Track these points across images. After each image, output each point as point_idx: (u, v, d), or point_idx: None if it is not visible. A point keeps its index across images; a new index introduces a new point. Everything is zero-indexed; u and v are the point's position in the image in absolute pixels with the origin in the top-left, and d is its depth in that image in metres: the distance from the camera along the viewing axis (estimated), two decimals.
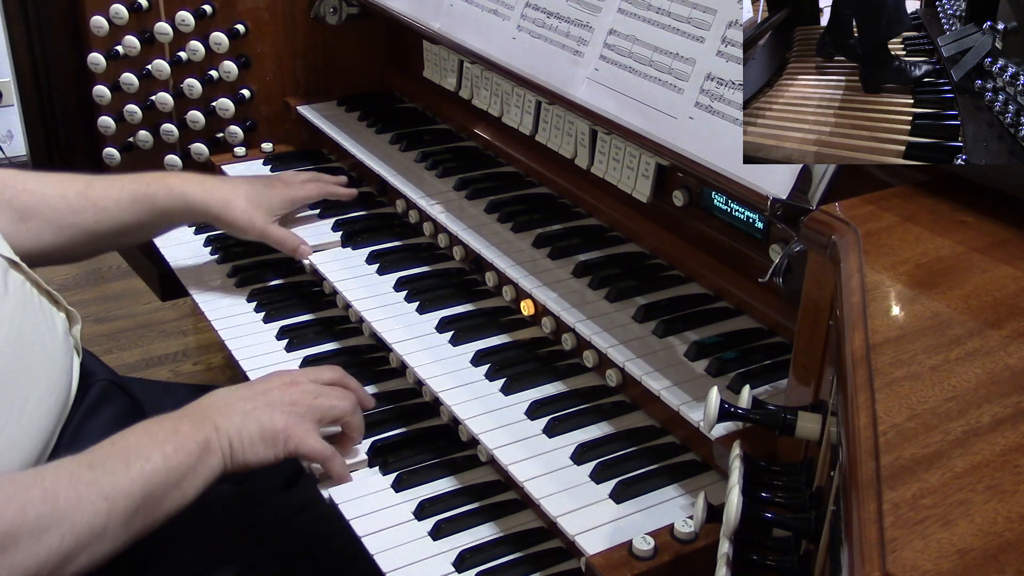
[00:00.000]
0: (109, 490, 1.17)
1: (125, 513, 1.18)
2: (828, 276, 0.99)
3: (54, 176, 1.65)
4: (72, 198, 1.63)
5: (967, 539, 0.62)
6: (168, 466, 1.23)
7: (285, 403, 1.36)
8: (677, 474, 1.29)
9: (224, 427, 1.30)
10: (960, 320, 0.84)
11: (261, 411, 1.33)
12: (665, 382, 1.31)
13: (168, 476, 1.22)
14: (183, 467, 1.24)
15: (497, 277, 1.63)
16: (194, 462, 1.25)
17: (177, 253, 1.93)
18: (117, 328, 3.40)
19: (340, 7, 2.12)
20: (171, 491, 1.23)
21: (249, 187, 1.79)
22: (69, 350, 1.42)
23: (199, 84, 2.13)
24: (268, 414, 1.33)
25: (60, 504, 1.13)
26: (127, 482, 1.19)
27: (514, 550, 1.29)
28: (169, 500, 1.23)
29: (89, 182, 1.66)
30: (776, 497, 0.94)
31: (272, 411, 1.34)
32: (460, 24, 1.69)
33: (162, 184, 1.70)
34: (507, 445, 1.33)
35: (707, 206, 1.49)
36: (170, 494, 1.23)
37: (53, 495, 1.13)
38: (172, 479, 1.23)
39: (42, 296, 1.39)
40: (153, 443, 1.24)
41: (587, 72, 1.44)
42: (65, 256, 1.69)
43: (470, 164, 1.90)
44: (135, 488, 1.19)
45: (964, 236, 0.97)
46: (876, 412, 0.72)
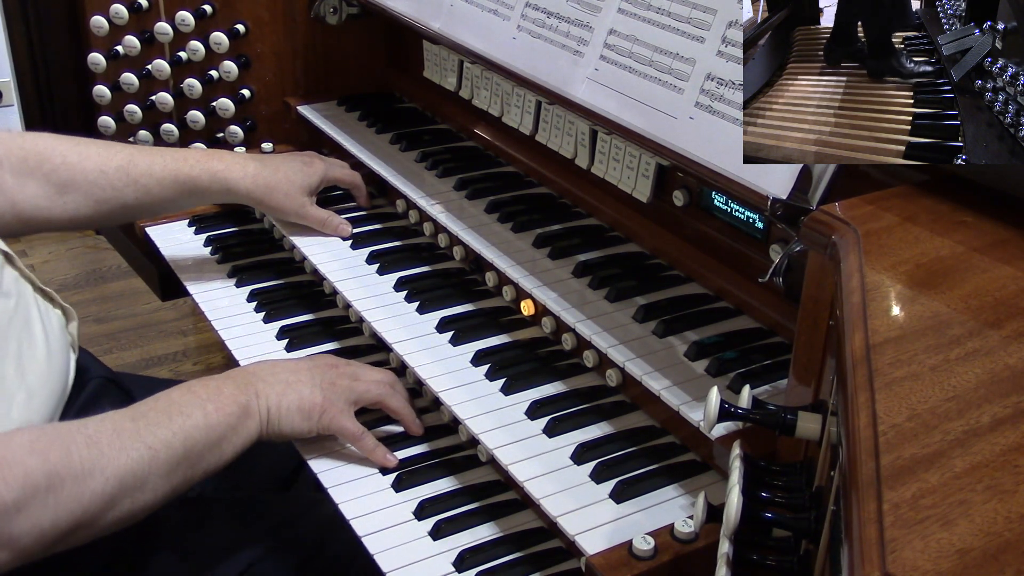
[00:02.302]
0: (151, 440, 1.21)
1: (167, 464, 1.21)
2: (828, 276, 0.99)
3: (94, 147, 1.65)
4: (112, 174, 1.64)
5: (967, 539, 0.62)
6: (208, 423, 1.27)
7: (325, 382, 1.41)
8: (677, 474, 1.29)
9: (265, 394, 1.35)
10: (960, 320, 0.84)
11: (302, 384, 1.38)
12: (665, 382, 1.31)
13: (208, 433, 1.27)
14: (223, 426, 1.28)
15: (497, 277, 1.63)
16: (234, 422, 1.30)
17: (177, 253, 1.93)
18: (117, 328, 3.40)
19: (340, 7, 2.12)
20: (211, 449, 1.27)
21: (289, 168, 1.80)
22: (65, 347, 1.42)
23: (199, 84, 2.13)
24: (308, 388, 1.38)
25: (104, 450, 1.16)
26: (169, 434, 1.23)
27: (514, 550, 1.29)
28: (208, 458, 1.27)
29: (130, 158, 1.66)
30: (776, 497, 0.94)
31: (312, 387, 1.39)
32: (460, 24, 1.69)
33: (205, 167, 1.71)
34: (507, 445, 1.33)
35: (707, 206, 1.49)
36: (210, 452, 1.27)
37: (97, 441, 1.17)
38: (212, 437, 1.27)
39: (36, 293, 1.39)
40: (196, 400, 1.28)
41: (587, 72, 1.44)
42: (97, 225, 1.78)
43: (470, 164, 1.90)
44: (176, 441, 1.23)
45: (964, 236, 0.97)
46: (876, 412, 0.72)
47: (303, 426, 1.37)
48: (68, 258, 3.78)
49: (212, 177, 1.71)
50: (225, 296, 1.80)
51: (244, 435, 1.31)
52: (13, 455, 1.10)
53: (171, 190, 1.69)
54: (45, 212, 1.58)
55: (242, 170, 1.74)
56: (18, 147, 1.57)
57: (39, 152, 1.58)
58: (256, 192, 1.75)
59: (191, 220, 2.01)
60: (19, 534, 1.08)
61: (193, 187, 1.71)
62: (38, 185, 1.57)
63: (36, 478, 1.09)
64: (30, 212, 1.57)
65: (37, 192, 1.57)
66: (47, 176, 1.58)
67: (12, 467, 1.08)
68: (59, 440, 1.14)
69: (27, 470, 1.09)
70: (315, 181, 1.82)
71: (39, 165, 1.57)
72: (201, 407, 1.28)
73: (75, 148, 1.62)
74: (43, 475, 1.10)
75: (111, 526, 1.18)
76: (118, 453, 1.17)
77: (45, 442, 1.13)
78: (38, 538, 1.10)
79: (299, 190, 1.79)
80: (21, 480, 1.08)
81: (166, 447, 1.22)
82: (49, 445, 1.13)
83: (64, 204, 1.60)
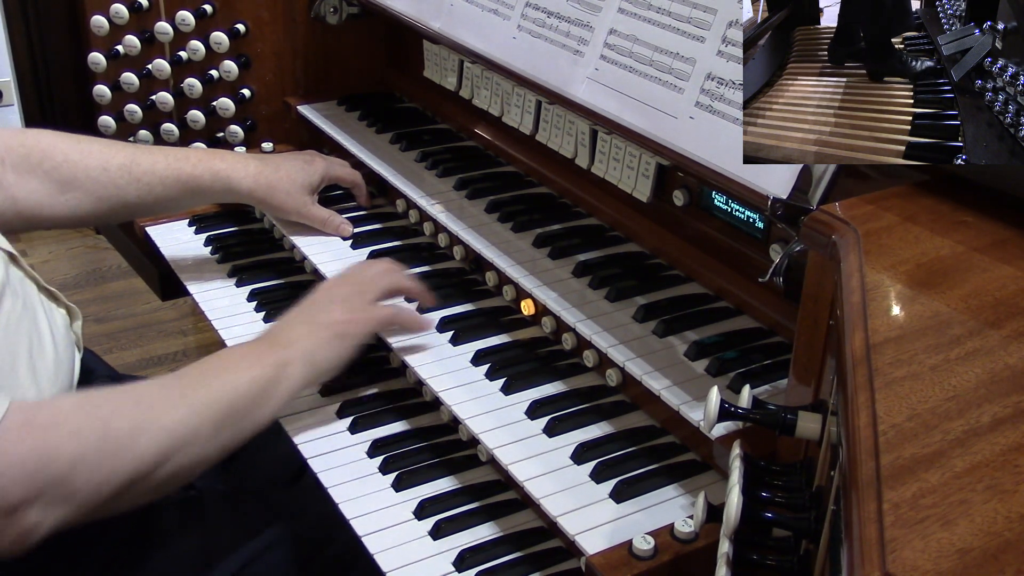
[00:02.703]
0: (197, 397, 1.26)
1: (214, 419, 1.25)
2: (828, 276, 0.99)
3: (96, 145, 1.66)
4: (115, 172, 1.64)
5: (967, 539, 0.62)
6: (251, 377, 1.32)
7: (337, 299, 1.46)
8: (677, 474, 1.30)
9: (294, 340, 1.39)
10: (960, 320, 0.84)
11: (321, 315, 1.44)
12: (665, 382, 1.31)
13: (251, 386, 1.31)
14: (264, 379, 1.33)
15: (497, 277, 1.63)
16: (273, 373, 1.34)
17: (177, 253, 1.93)
18: (117, 328, 3.40)
19: (340, 7, 2.12)
20: (256, 401, 1.31)
21: (290, 167, 1.81)
22: (70, 345, 1.43)
23: (199, 84, 2.13)
24: (328, 313, 1.44)
25: (153, 406, 1.21)
26: (213, 390, 1.28)
27: (514, 550, 1.29)
28: (255, 412, 1.32)
29: (133, 156, 1.67)
30: (776, 497, 0.94)
31: (330, 310, 1.45)
32: (460, 24, 1.69)
33: (207, 167, 1.72)
34: (507, 445, 1.33)
35: (707, 206, 1.49)
36: (256, 405, 1.31)
37: (144, 399, 1.22)
38: (255, 389, 1.31)
39: (41, 293, 1.40)
40: (233, 360, 1.36)
41: (587, 72, 1.44)
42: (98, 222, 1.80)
43: (470, 164, 1.90)
44: (222, 395, 1.27)
45: (964, 236, 0.97)
46: (876, 412, 0.72)
47: (343, 348, 1.43)
48: (68, 258, 3.78)
49: (214, 176, 1.72)
50: (225, 296, 1.80)
51: (288, 384, 1.36)
52: (64, 415, 1.13)
53: (173, 189, 1.69)
54: (47, 209, 1.58)
55: (244, 169, 1.74)
56: (19, 144, 1.57)
57: (41, 149, 1.58)
58: (258, 191, 1.75)
59: (191, 220, 2.01)
60: (76, 488, 1.11)
61: (195, 186, 1.71)
62: (39, 182, 1.57)
63: (88, 435, 1.13)
64: (31, 209, 1.58)
65: (38, 189, 1.58)
66: (49, 173, 1.58)
67: (65, 425, 1.12)
68: (107, 400, 1.19)
69: (79, 427, 1.13)
70: (316, 180, 1.83)
71: (41, 162, 1.58)
72: (239, 364, 1.34)
73: (77, 146, 1.63)
74: (95, 432, 1.13)
75: (167, 481, 1.22)
76: (166, 409, 1.22)
77: (94, 403, 1.18)
78: (95, 492, 1.13)
79: (300, 189, 1.79)
80: (75, 438, 1.11)
81: (213, 402, 1.26)
82: (99, 405, 1.17)
83: (65, 201, 1.60)
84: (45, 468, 1.08)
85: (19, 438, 1.08)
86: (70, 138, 1.64)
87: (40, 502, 1.09)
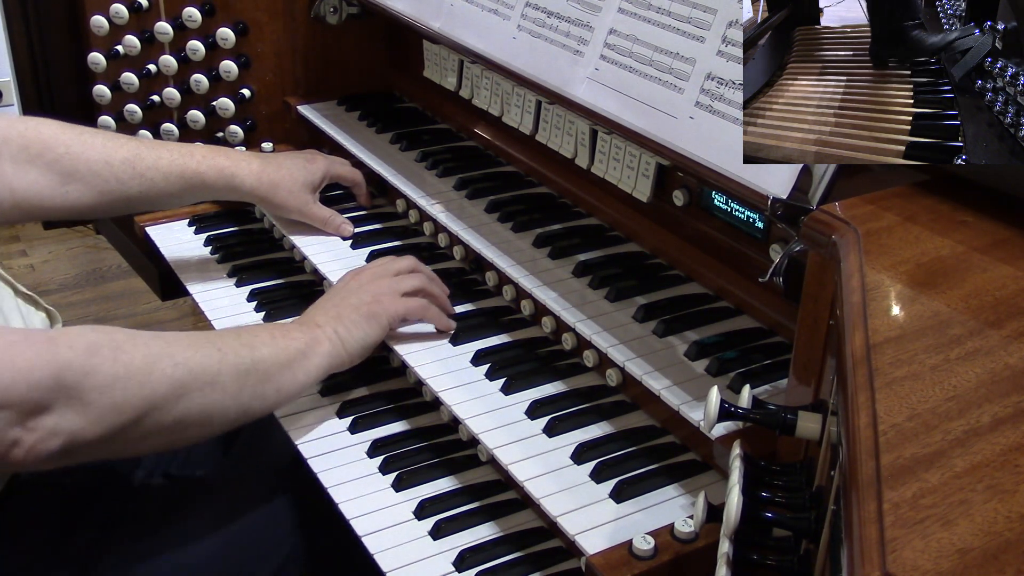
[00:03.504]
0: (221, 344, 1.28)
1: (236, 368, 1.28)
2: (828, 276, 0.99)
3: (99, 138, 1.66)
4: (118, 166, 1.64)
5: (967, 539, 0.62)
6: (276, 344, 1.34)
7: (365, 283, 1.51)
8: (677, 474, 1.29)
9: (324, 321, 1.43)
10: (960, 320, 0.84)
11: (351, 298, 1.48)
12: (665, 382, 1.31)
13: (277, 352, 1.34)
14: (291, 350, 1.36)
15: (497, 277, 1.63)
16: (302, 347, 1.37)
17: (177, 253, 1.93)
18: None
19: (340, 7, 2.12)
20: (281, 368, 1.34)
21: (292, 165, 1.81)
22: None
23: (199, 84, 2.13)
24: (356, 296, 1.48)
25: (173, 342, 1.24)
26: (238, 343, 1.30)
27: (514, 550, 1.29)
28: (279, 378, 1.34)
29: (136, 151, 1.67)
30: (776, 497, 0.94)
31: (360, 292, 1.49)
32: (460, 24, 1.69)
33: (211, 163, 1.72)
34: (507, 445, 1.33)
35: (707, 206, 1.49)
36: (280, 371, 1.34)
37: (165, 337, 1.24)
38: (281, 357, 1.34)
39: (18, 297, 1.39)
40: (260, 329, 1.39)
41: (587, 72, 1.44)
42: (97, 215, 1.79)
43: (470, 164, 1.90)
44: (245, 350, 1.30)
45: (964, 236, 0.97)
46: (876, 412, 0.72)
47: (374, 329, 1.46)
48: (68, 258, 3.78)
49: (218, 173, 1.72)
50: (225, 296, 1.80)
51: (316, 360, 1.39)
52: (80, 331, 1.16)
53: (176, 185, 1.69)
54: (46, 201, 1.58)
55: (247, 167, 1.75)
56: (19, 134, 1.57)
57: (42, 140, 1.58)
58: (260, 189, 1.76)
59: (191, 220, 2.01)
60: (89, 397, 1.13)
61: (198, 182, 1.71)
62: (40, 173, 1.57)
63: (103, 349, 1.15)
64: (30, 200, 1.57)
65: (38, 180, 1.57)
66: (50, 165, 1.58)
67: (78, 339, 1.14)
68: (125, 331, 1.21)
69: (93, 342, 1.15)
70: (318, 178, 1.83)
71: (41, 153, 1.57)
72: (268, 332, 1.38)
73: (79, 137, 1.62)
74: (110, 349, 1.16)
75: (183, 420, 1.23)
76: (188, 347, 1.24)
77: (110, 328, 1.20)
78: (109, 409, 1.15)
79: (302, 187, 1.79)
80: (86, 349, 1.14)
81: (235, 352, 1.28)
82: (114, 330, 1.20)
83: (66, 193, 1.60)
84: (58, 375, 1.10)
85: (38, 350, 1.10)
86: (73, 129, 1.63)
87: (56, 408, 1.11)
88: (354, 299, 1.47)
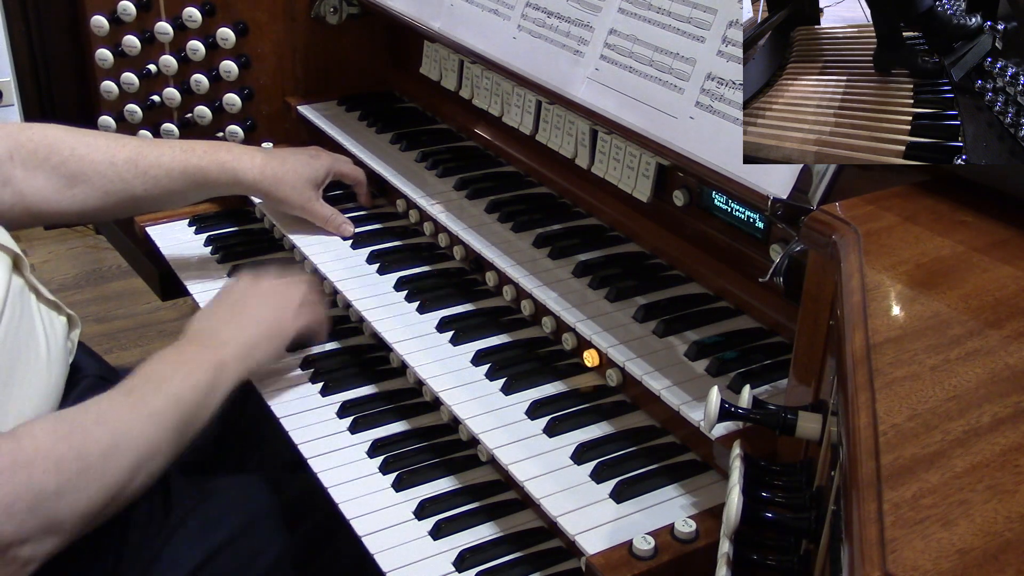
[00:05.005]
0: (151, 411, 1.28)
1: (170, 429, 1.29)
2: (828, 276, 0.99)
3: (103, 139, 1.67)
4: (121, 165, 1.65)
5: (967, 539, 0.62)
6: (192, 384, 1.34)
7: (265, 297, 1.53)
8: (677, 474, 1.29)
9: (226, 341, 1.43)
10: (960, 320, 0.84)
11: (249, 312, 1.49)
12: (665, 382, 1.31)
13: (195, 394, 1.34)
14: (204, 384, 1.35)
15: (497, 277, 1.63)
16: (211, 378, 1.37)
17: (177, 252, 1.93)
18: (117, 328, 3.40)
19: (340, 7, 2.12)
20: (200, 406, 1.35)
21: (295, 160, 1.81)
22: (64, 355, 1.42)
23: (199, 84, 2.13)
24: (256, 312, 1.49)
25: (116, 426, 1.23)
26: (163, 403, 1.30)
27: (514, 550, 1.29)
28: (200, 414, 1.35)
29: (139, 149, 1.68)
30: (776, 497, 0.94)
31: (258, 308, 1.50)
32: (460, 24, 1.69)
33: (214, 159, 1.73)
34: (507, 445, 1.33)
35: (707, 206, 1.49)
36: (200, 408, 1.35)
37: (106, 420, 1.23)
38: (199, 396, 1.34)
39: (40, 302, 1.39)
40: (172, 368, 1.36)
41: (587, 72, 1.44)
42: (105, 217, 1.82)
43: (470, 164, 1.90)
44: (171, 407, 1.30)
45: (964, 236, 0.97)
46: (876, 412, 0.72)
47: (273, 348, 1.49)
48: (68, 258, 3.78)
49: (221, 168, 1.72)
50: None
51: (226, 386, 1.39)
52: (45, 446, 1.14)
53: (179, 181, 1.70)
54: (54, 204, 1.60)
55: (250, 161, 1.75)
56: (27, 139, 1.58)
57: (48, 144, 1.59)
58: (263, 183, 1.76)
59: (191, 220, 2.01)
60: (63, 518, 1.14)
61: (202, 178, 1.72)
62: (47, 177, 1.58)
63: (68, 463, 1.15)
64: (39, 204, 1.59)
65: (46, 185, 1.59)
66: (56, 168, 1.59)
67: (47, 457, 1.13)
68: (75, 425, 1.21)
69: (59, 457, 1.14)
70: (321, 175, 1.83)
71: (48, 157, 1.58)
72: (177, 371, 1.35)
73: (83, 139, 1.63)
74: (74, 459, 1.15)
75: (135, 494, 1.25)
76: (128, 427, 1.24)
77: (64, 428, 1.19)
78: (80, 519, 1.16)
79: (305, 183, 1.79)
80: (56, 468, 1.13)
81: (163, 415, 1.28)
82: (69, 431, 1.19)
83: (73, 196, 1.61)
84: (36, 507, 1.11)
85: (7, 480, 1.09)
86: (76, 132, 1.64)
87: (33, 539, 1.11)
88: (255, 314, 1.50)
